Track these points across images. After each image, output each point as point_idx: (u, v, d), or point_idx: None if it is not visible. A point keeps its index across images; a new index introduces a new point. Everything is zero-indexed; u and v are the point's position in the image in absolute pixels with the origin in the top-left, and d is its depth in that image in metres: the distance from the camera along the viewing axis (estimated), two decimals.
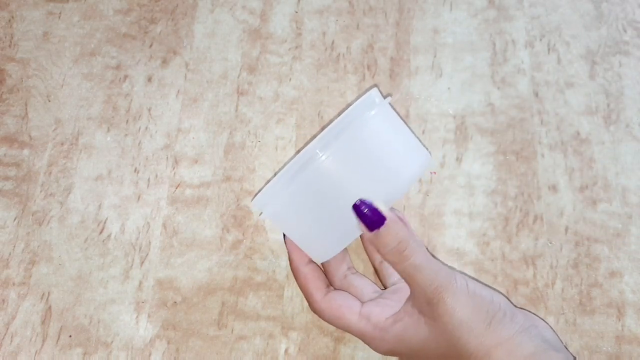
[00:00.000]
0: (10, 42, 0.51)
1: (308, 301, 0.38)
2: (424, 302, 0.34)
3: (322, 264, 0.40)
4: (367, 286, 0.39)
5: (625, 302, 0.42)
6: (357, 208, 0.33)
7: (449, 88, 0.49)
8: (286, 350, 0.41)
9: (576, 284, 0.42)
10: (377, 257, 0.41)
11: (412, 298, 0.35)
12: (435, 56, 0.50)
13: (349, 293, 0.38)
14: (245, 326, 0.42)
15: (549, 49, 0.49)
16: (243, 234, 0.44)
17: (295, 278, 0.39)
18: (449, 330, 0.33)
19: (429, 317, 0.33)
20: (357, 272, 0.41)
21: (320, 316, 0.38)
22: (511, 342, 0.32)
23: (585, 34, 0.50)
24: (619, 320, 0.41)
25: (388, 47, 0.50)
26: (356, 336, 0.37)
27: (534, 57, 0.49)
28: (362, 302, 0.37)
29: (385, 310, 0.36)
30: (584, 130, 0.47)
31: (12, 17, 0.52)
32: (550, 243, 0.44)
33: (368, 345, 0.37)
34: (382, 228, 0.32)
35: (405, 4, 0.52)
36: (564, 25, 0.50)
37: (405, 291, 0.37)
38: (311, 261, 0.38)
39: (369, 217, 0.32)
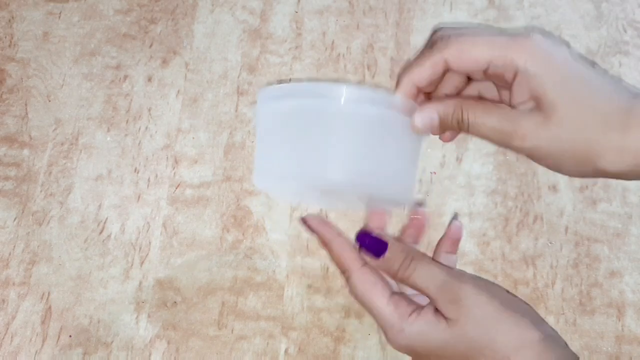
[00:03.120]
0: (10, 42, 0.51)
1: (344, 272, 0.37)
2: (445, 303, 0.33)
3: None
4: (392, 285, 0.39)
5: (625, 302, 0.42)
6: (360, 240, 0.34)
7: None
8: (286, 350, 0.41)
9: (576, 284, 0.42)
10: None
11: (432, 302, 0.35)
12: None
13: None
14: (245, 326, 0.42)
15: None
16: (243, 234, 0.44)
17: (330, 253, 0.37)
18: (472, 327, 0.32)
19: (451, 319, 0.33)
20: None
21: (352, 289, 0.36)
22: (541, 345, 0.32)
23: (585, 34, 0.50)
24: (619, 320, 0.41)
25: (388, 47, 0.50)
26: (377, 320, 0.36)
27: None
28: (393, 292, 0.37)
29: (412, 303, 0.36)
30: None
31: (12, 17, 0.52)
32: (550, 243, 0.44)
33: (385, 334, 0.36)
34: (387, 253, 0.34)
35: (405, 4, 0.52)
36: (564, 25, 0.50)
37: None
38: (341, 234, 0.38)
39: (372, 247, 0.34)
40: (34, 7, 0.52)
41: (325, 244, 0.37)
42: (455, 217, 0.40)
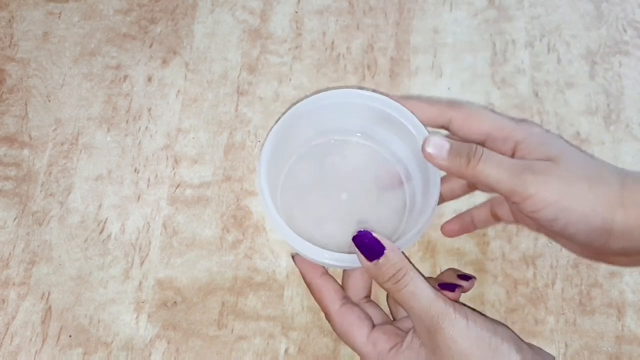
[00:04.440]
0: (10, 42, 0.51)
1: (324, 313, 0.38)
2: (423, 331, 0.33)
3: (342, 285, 0.40)
4: (378, 316, 0.38)
5: (625, 302, 0.42)
6: (356, 239, 0.33)
7: (449, 88, 0.49)
8: (286, 350, 0.41)
9: (576, 284, 0.42)
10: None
11: (414, 327, 0.35)
12: (435, 56, 0.50)
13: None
14: (245, 326, 0.42)
15: (549, 49, 0.49)
16: (243, 234, 0.44)
17: (311, 293, 0.39)
18: None
19: (429, 349, 0.33)
20: (372, 301, 0.40)
21: (332, 328, 0.37)
22: None
23: (585, 34, 0.50)
24: (619, 320, 0.41)
25: (388, 47, 0.50)
26: (360, 357, 0.37)
27: (534, 57, 0.49)
28: (374, 326, 0.37)
29: (392, 339, 0.35)
30: (584, 130, 0.47)
31: (12, 17, 0.52)
32: (550, 243, 0.44)
33: None
34: (382, 258, 0.33)
35: (405, 4, 0.52)
36: (564, 25, 0.50)
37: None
38: (324, 274, 0.38)
39: (369, 247, 0.33)
40: (34, 7, 0.52)
41: (307, 284, 0.39)
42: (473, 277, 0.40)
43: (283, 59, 0.50)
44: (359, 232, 0.33)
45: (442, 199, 0.42)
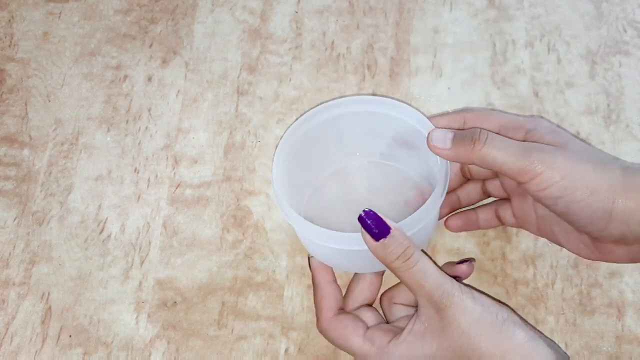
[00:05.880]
0: (10, 42, 0.51)
1: (317, 317, 0.38)
2: (432, 309, 0.33)
3: (347, 288, 0.40)
4: (373, 318, 0.38)
5: (625, 302, 0.42)
6: (362, 219, 0.33)
7: (449, 88, 0.49)
8: (286, 350, 0.41)
9: (576, 284, 0.42)
10: (385, 299, 0.41)
11: (418, 311, 0.34)
12: (435, 56, 0.50)
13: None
14: (245, 326, 0.42)
15: (549, 49, 0.49)
16: (243, 234, 0.44)
17: (314, 294, 0.39)
18: (457, 336, 0.32)
19: (437, 329, 0.33)
20: (370, 306, 0.40)
21: (325, 335, 0.37)
22: (526, 347, 0.32)
23: (585, 34, 0.50)
24: (619, 320, 0.41)
25: (388, 47, 0.50)
26: (358, 358, 0.36)
27: (534, 57, 0.49)
28: (368, 327, 0.37)
29: (389, 333, 0.36)
30: (584, 130, 0.47)
31: (12, 17, 0.52)
32: (551, 243, 0.44)
33: None
34: (388, 237, 0.33)
35: (405, 4, 0.52)
36: (564, 25, 0.50)
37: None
38: (333, 282, 0.39)
39: (375, 226, 0.33)
40: (34, 7, 0.53)
41: (314, 284, 0.39)
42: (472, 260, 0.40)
43: (283, 59, 0.50)
44: (364, 211, 0.33)
45: (459, 205, 0.42)
